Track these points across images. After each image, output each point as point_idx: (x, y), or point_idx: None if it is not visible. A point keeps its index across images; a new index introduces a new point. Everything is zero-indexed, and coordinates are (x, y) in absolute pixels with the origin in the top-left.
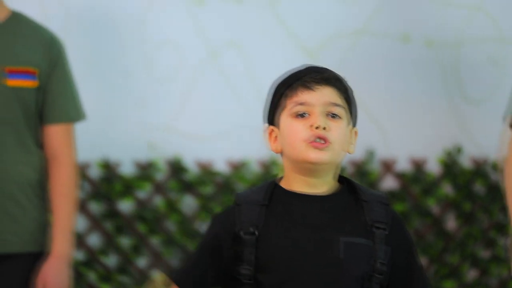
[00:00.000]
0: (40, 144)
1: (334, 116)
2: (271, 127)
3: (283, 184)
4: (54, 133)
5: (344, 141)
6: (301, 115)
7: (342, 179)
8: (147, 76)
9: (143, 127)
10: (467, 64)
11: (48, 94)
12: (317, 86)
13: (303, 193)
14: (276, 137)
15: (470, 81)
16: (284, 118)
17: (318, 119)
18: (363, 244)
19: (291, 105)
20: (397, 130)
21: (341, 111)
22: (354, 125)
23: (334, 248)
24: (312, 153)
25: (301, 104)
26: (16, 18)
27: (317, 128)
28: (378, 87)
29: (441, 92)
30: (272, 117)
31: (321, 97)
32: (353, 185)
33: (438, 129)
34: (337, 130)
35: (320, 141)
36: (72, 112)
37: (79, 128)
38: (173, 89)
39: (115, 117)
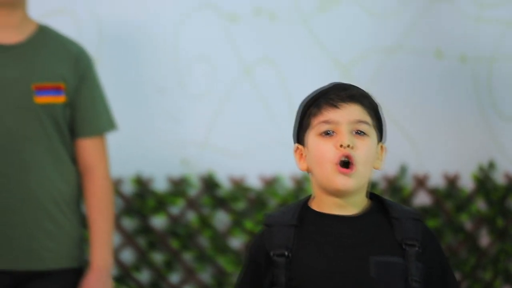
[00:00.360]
0: (73, 159)
1: (360, 133)
2: (299, 145)
3: (313, 205)
4: (86, 146)
5: (371, 158)
6: (327, 134)
7: (372, 196)
8: (180, 91)
9: (176, 143)
10: (500, 79)
11: (77, 108)
12: (342, 104)
13: (334, 214)
14: (303, 155)
15: (504, 97)
16: (311, 137)
17: (344, 138)
18: (395, 262)
19: (317, 124)
20: (430, 146)
21: (367, 128)
22: (382, 140)
23: (366, 268)
24: (338, 180)
25: (327, 122)
26: (43, 33)
27: (342, 146)
28: (411, 102)
29: (474, 108)
30: (299, 136)
31: (346, 114)
32: (384, 202)
33: (471, 144)
34: (364, 148)
35: (345, 160)
36: (103, 124)
37: (112, 143)
38: (206, 105)
39: (148, 133)
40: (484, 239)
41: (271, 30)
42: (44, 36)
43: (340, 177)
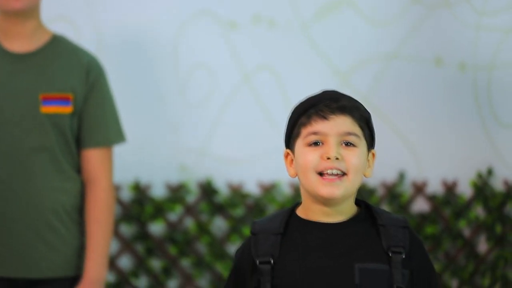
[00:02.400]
0: (78, 169)
1: (348, 144)
2: (289, 151)
3: (300, 212)
4: (91, 157)
5: (359, 168)
6: (316, 144)
7: (361, 203)
8: (179, 99)
9: (175, 150)
10: (499, 87)
11: (85, 118)
12: (331, 115)
13: (319, 221)
14: (292, 161)
15: (503, 104)
16: (299, 146)
17: (331, 150)
18: (380, 269)
19: (306, 135)
20: (429, 153)
21: (355, 140)
22: (372, 147)
23: (350, 275)
24: (324, 188)
25: (315, 133)
26: (56, 42)
27: (329, 159)
28: (410, 110)
29: (473, 115)
30: (290, 143)
31: (335, 126)
32: (371, 210)
33: (470, 151)
34: (351, 159)
35: (333, 171)
36: (109, 135)
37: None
38: (205, 112)
39: (147, 140)
40: (482, 246)
41: (270, 37)
42: (56, 46)
43: (325, 185)
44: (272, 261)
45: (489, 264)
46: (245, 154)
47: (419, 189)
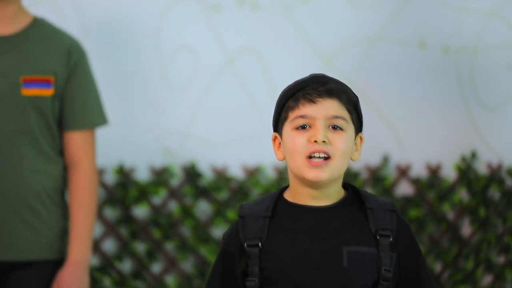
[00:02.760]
0: (61, 152)
1: (336, 128)
2: (277, 135)
3: (288, 195)
4: (73, 140)
5: (346, 152)
6: (303, 128)
7: (348, 187)
8: (163, 82)
9: (158, 133)
10: (483, 70)
11: (67, 101)
12: (319, 99)
13: (307, 205)
14: (280, 144)
15: (486, 87)
16: (286, 130)
17: (318, 133)
18: (368, 252)
19: (293, 118)
20: (413, 136)
21: (343, 123)
22: (360, 131)
23: (338, 258)
24: (310, 172)
25: (303, 117)
26: (37, 25)
27: (316, 142)
28: (394, 93)
29: (457, 98)
30: (278, 126)
31: (322, 110)
32: (358, 193)
33: (454, 135)
34: (338, 142)
35: (319, 155)
36: (92, 118)
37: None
38: (189, 95)
39: (131, 123)
40: (466, 229)
41: (254, 20)
42: (38, 29)
43: (312, 169)
44: (260, 244)
45: (473, 247)
46: (229, 137)
47: (403, 172)
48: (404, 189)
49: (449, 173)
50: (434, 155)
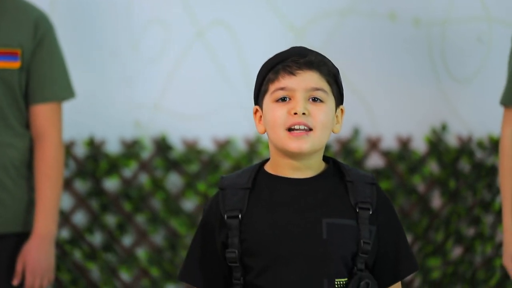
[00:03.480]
0: (27, 125)
1: (316, 100)
2: (258, 108)
3: (269, 167)
4: (39, 112)
5: (327, 124)
6: (283, 100)
7: (327, 159)
8: (134, 55)
9: (129, 105)
10: (453, 42)
11: (33, 74)
12: (298, 71)
13: (287, 177)
14: (261, 117)
15: (457, 60)
16: (267, 102)
17: (298, 105)
18: (347, 225)
19: (273, 90)
20: (383, 108)
21: (323, 95)
22: (340, 103)
23: (317, 230)
24: (291, 143)
25: (283, 89)
26: None
27: (296, 114)
28: (365, 65)
29: (427, 71)
30: (258, 99)
31: (302, 81)
32: (340, 166)
33: (424, 107)
34: (319, 114)
35: (300, 127)
36: (57, 91)
37: (65, 106)
38: (160, 68)
39: (101, 96)
40: (436, 201)
41: None
42: (4, 2)
43: (293, 140)
44: (240, 216)
45: (443, 219)
46: (200, 110)
47: (373, 144)
48: (375, 161)
49: (420, 146)
50: (405, 128)
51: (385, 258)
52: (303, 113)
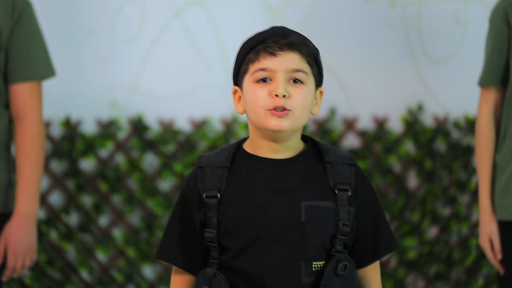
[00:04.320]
0: (6, 104)
1: (296, 81)
2: (237, 88)
3: (247, 147)
4: (19, 92)
5: (307, 105)
6: (264, 80)
7: (306, 139)
8: (110, 35)
9: (105, 86)
10: (430, 23)
11: (12, 53)
12: (279, 52)
13: (266, 157)
14: (240, 98)
15: (433, 40)
16: (247, 82)
17: (279, 87)
18: (326, 207)
19: (254, 71)
20: (360, 89)
21: (303, 77)
22: (320, 84)
23: (296, 212)
24: (271, 121)
25: (263, 70)
26: None
27: (277, 96)
28: (341, 45)
29: (404, 51)
30: (238, 79)
31: (283, 63)
32: (319, 147)
33: (400, 87)
34: (298, 96)
35: (280, 109)
36: (37, 70)
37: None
38: (136, 48)
39: (78, 76)
40: (412, 181)
41: None
42: None
43: (273, 118)
44: (218, 195)
45: (419, 199)
46: (176, 90)
47: (350, 125)
48: (351, 141)
49: (396, 126)
50: (381, 108)
51: (364, 238)
52: (284, 95)
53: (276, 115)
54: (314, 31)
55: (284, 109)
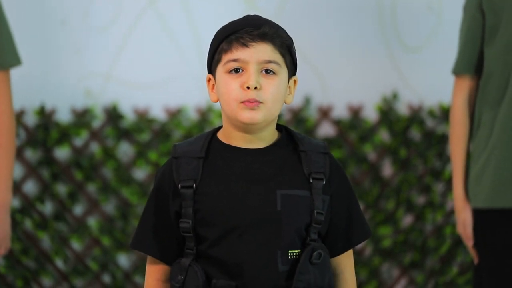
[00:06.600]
0: None
1: (269, 72)
2: (211, 76)
3: (221, 136)
4: None
5: (279, 97)
6: (236, 71)
7: (281, 128)
8: (84, 23)
9: (80, 74)
10: (404, 11)
11: None
12: (252, 43)
13: (241, 147)
14: (214, 86)
15: (407, 28)
16: (219, 72)
17: (251, 79)
18: (301, 195)
19: (226, 61)
20: (334, 77)
21: (275, 67)
22: (294, 74)
23: (272, 201)
24: (244, 113)
25: (236, 61)
26: None
27: (249, 88)
28: (316, 34)
29: (378, 39)
30: (212, 67)
31: (255, 54)
32: (293, 136)
33: (375, 76)
34: (270, 88)
35: (252, 100)
36: (4, 59)
37: (15, 75)
38: (110, 36)
39: (52, 64)
40: (387, 170)
41: None
42: None
43: (245, 110)
44: (194, 186)
45: (394, 187)
46: (151, 79)
47: (324, 113)
48: (326, 130)
49: (371, 114)
50: (356, 96)
51: (338, 226)
52: (255, 87)
53: (248, 107)
54: (289, 19)
55: (255, 101)
